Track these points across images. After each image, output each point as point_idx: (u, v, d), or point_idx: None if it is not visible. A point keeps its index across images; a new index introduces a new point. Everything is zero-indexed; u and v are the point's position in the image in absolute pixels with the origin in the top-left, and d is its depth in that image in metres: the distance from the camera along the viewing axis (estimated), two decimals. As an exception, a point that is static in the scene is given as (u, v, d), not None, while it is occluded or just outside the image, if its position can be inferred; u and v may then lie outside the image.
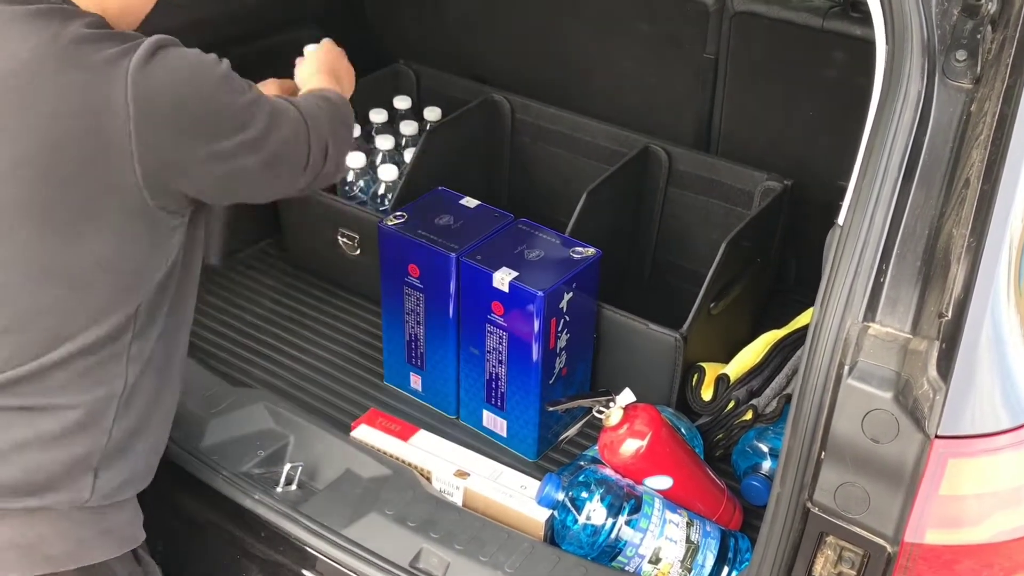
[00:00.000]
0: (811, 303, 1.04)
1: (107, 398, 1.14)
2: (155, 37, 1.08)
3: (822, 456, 0.98)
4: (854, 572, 1.00)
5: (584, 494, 1.32)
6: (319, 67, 1.39)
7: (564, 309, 1.50)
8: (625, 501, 1.31)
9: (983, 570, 0.94)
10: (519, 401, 1.55)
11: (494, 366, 1.54)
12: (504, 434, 1.59)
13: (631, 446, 1.36)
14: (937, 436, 0.89)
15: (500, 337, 1.51)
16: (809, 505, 1.01)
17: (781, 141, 1.86)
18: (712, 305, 1.60)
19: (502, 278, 1.47)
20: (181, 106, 1.07)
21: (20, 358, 1.09)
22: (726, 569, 1.33)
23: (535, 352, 1.48)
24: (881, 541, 0.96)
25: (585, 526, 1.30)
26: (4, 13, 1.07)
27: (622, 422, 1.37)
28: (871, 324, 0.97)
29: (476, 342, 1.55)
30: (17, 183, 1.05)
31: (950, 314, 0.91)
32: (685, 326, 1.54)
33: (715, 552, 1.33)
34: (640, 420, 1.37)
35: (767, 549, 1.06)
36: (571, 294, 1.50)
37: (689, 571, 1.32)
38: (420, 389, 1.68)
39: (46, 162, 1.05)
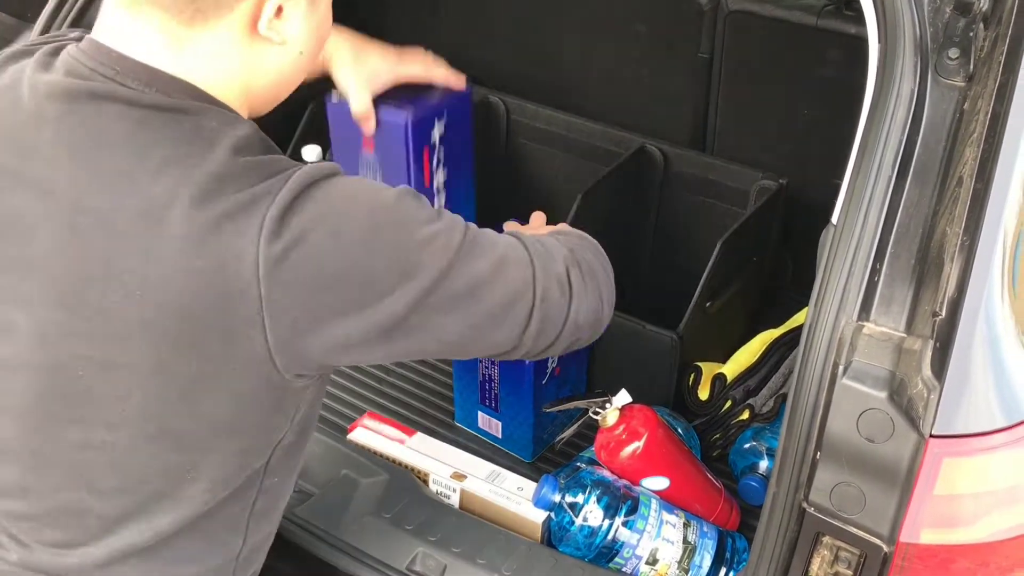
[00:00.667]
0: (808, 302, 1.04)
1: (226, 562, 1.04)
2: (306, 170, 0.87)
3: (817, 456, 0.98)
4: (850, 572, 1.00)
5: (581, 495, 1.31)
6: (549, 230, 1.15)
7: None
8: (622, 502, 1.31)
9: (979, 569, 0.93)
10: (512, 402, 1.55)
11: (487, 367, 1.54)
12: (499, 435, 1.59)
13: (628, 447, 1.35)
14: (932, 435, 0.89)
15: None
16: (805, 505, 1.01)
17: (776, 140, 1.86)
18: (708, 304, 1.60)
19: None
20: (322, 258, 0.86)
21: (136, 518, 0.97)
22: (723, 570, 1.33)
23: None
24: (877, 541, 0.96)
25: (582, 527, 1.30)
26: (137, 140, 0.86)
27: (618, 423, 1.37)
28: (865, 323, 0.97)
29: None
30: (141, 347, 0.89)
31: (944, 313, 0.90)
32: (681, 326, 1.54)
33: (712, 552, 1.33)
34: (636, 421, 1.37)
35: (763, 549, 1.06)
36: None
37: (686, 572, 1.31)
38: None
39: (172, 328, 0.87)
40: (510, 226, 1.23)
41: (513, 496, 1.38)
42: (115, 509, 0.97)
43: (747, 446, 1.51)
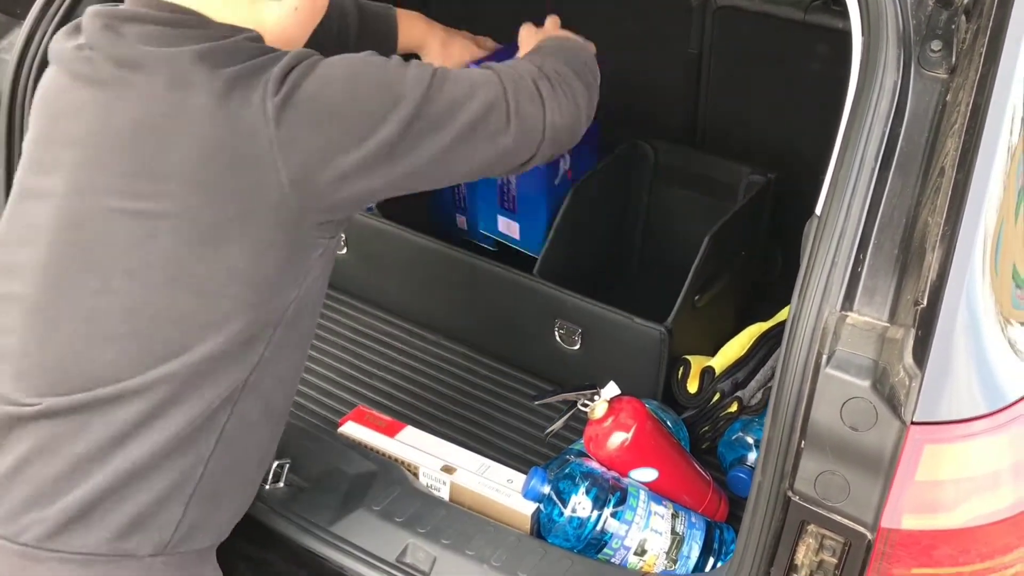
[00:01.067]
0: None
1: (210, 419, 1.08)
2: (305, 51, 1.07)
3: (802, 445, 0.99)
4: (835, 560, 1.01)
5: (570, 487, 1.32)
6: (543, 33, 1.37)
7: None
8: (611, 493, 1.32)
9: (960, 555, 0.94)
10: (529, 202, 1.70)
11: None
12: (517, 237, 1.75)
13: (616, 439, 1.36)
14: (913, 422, 0.90)
15: None
16: (790, 494, 1.01)
17: (765, 135, 1.87)
18: (696, 298, 1.60)
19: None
20: (323, 98, 1.03)
21: (136, 367, 1.06)
22: (712, 560, 1.34)
23: None
24: (861, 528, 0.97)
25: (571, 519, 1.31)
26: (168, 35, 1.05)
27: (607, 415, 1.38)
28: (849, 313, 0.97)
29: None
30: (171, 192, 1.03)
31: (925, 302, 0.91)
32: (669, 319, 1.55)
33: (700, 543, 1.34)
34: (625, 413, 1.37)
35: (749, 538, 1.07)
36: None
37: (675, 562, 1.32)
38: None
39: (198, 172, 1.03)
40: (526, 28, 1.45)
41: (502, 488, 1.38)
42: (124, 356, 1.06)
43: (735, 438, 1.52)
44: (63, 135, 1.11)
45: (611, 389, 1.40)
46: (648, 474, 1.38)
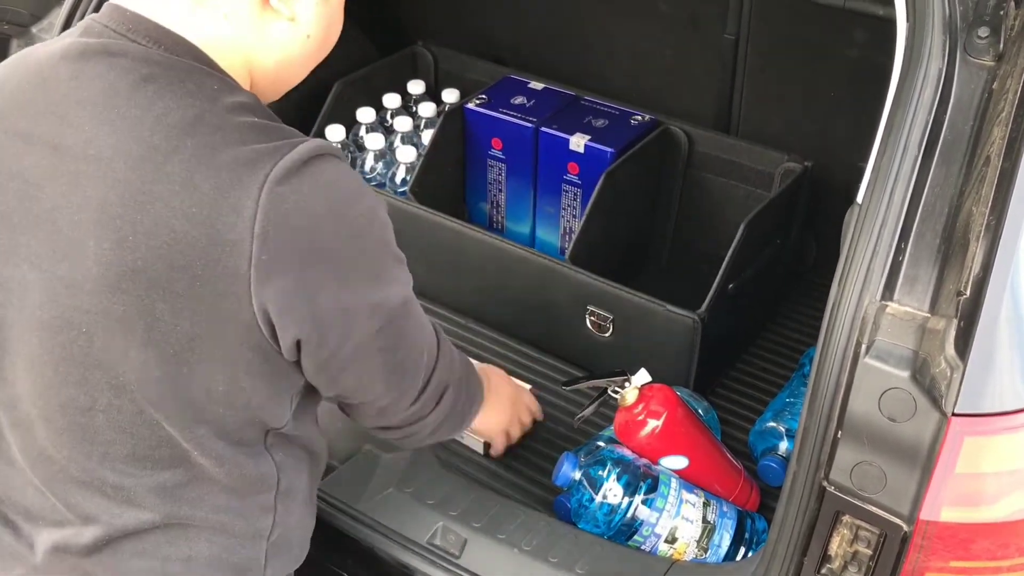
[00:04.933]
0: (830, 284, 1.03)
1: (256, 538, 1.04)
2: (312, 143, 0.90)
3: (839, 435, 0.98)
4: (869, 551, 1.00)
5: (601, 473, 1.32)
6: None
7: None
8: (642, 480, 1.32)
9: (999, 549, 0.93)
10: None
11: (568, 221, 1.81)
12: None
13: (647, 426, 1.36)
14: (954, 414, 0.89)
15: (575, 195, 1.79)
16: (825, 484, 1.01)
17: (802, 122, 1.85)
18: (730, 287, 1.59)
19: (578, 141, 1.74)
20: (316, 232, 0.88)
21: (155, 492, 0.97)
22: (743, 549, 1.33)
23: None
24: (897, 520, 0.96)
25: (602, 505, 1.31)
26: (142, 93, 0.88)
27: (638, 402, 1.37)
28: (889, 303, 0.96)
29: (551, 202, 1.82)
30: (134, 298, 0.88)
31: (968, 292, 0.90)
32: (703, 307, 1.54)
33: (732, 532, 1.33)
34: (656, 400, 1.37)
35: (783, 528, 1.06)
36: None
37: (705, 551, 1.32)
38: None
39: (162, 277, 0.87)
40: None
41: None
42: (130, 479, 0.97)
43: (767, 427, 1.51)
44: (23, 211, 0.92)
45: (642, 376, 1.39)
46: (679, 462, 1.37)
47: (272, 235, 0.86)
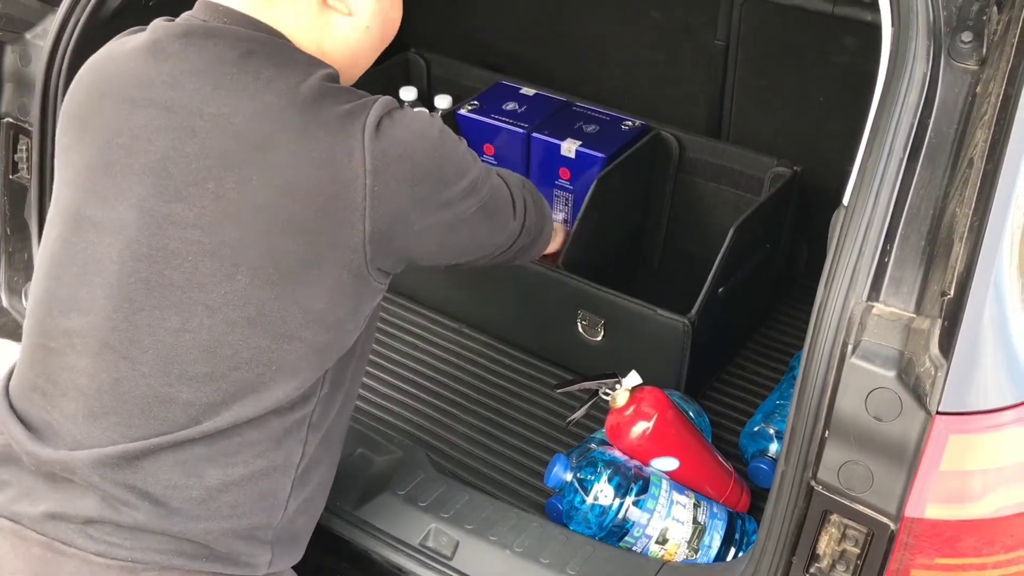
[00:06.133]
0: (819, 287, 1.04)
1: (286, 467, 1.09)
2: (385, 98, 1.07)
3: (826, 435, 0.99)
4: (857, 550, 1.01)
5: (592, 475, 1.33)
6: None
7: None
8: (633, 482, 1.32)
9: (984, 547, 0.94)
10: None
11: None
12: None
13: (638, 427, 1.37)
14: (939, 413, 0.90)
15: (566, 200, 1.81)
16: (813, 484, 1.02)
17: (791, 127, 1.86)
18: (720, 290, 1.60)
19: (569, 147, 1.75)
20: (413, 159, 1.05)
21: (218, 408, 1.04)
22: (733, 550, 1.34)
23: None
24: (884, 519, 0.97)
25: (593, 506, 1.32)
26: (248, 63, 1.04)
27: (628, 404, 1.38)
28: (875, 304, 0.97)
29: None
30: (254, 229, 1.02)
31: (953, 292, 0.91)
32: (693, 311, 1.55)
33: (722, 533, 1.34)
34: (646, 402, 1.38)
35: (771, 527, 1.07)
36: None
37: (696, 552, 1.33)
38: None
39: (284, 211, 1.01)
40: None
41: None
42: (202, 396, 1.03)
43: (757, 429, 1.52)
44: (129, 161, 1.05)
45: (632, 378, 1.40)
46: (669, 463, 1.38)
47: (380, 168, 1.02)
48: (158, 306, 1.03)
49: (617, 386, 1.39)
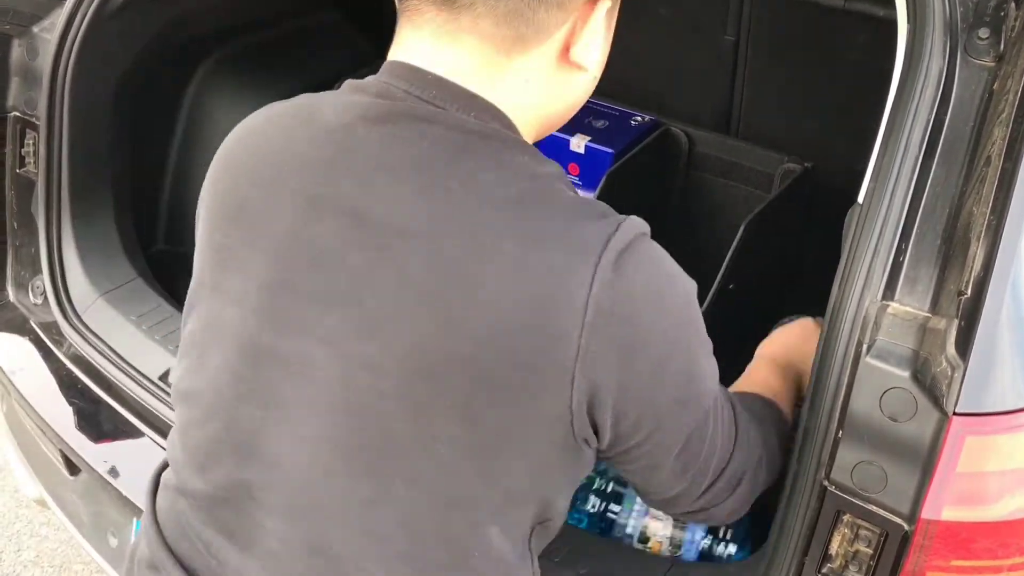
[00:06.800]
0: (830, 285, 1.04)
1: None
2: (634, 221, 0.84)
3: (840, 435, 0.99)
4: (870, 551, 1.00)
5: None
6: (785, 348, 1.19)
7: None
8: (608, 481, 1.32)
9: (1000, 549, 0.93)
10: None
11: None
12: None
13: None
14: (955, 414, 0.89)
15: None
16: (826, 484, 1.01)
17: (802, 123, 1.85)
18: (730, 287, 1.60)
19: (578, 142, 1.73)
20: (639, 321, 0.81)
21: None
22: (718, 544, 1.33)
23: None
24: (898, 520, 0.97)
25: (573, 509, 1.31)
26: (463, 163, 0.81)
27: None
28: (890, 303, 0.97)
29: None
30: (454, 385, 0.80)
31: (969, 292, 0.90)
32: (703, 307, 1.53)
33: (704, 528, 1.33)
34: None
35: (784, 528, 1.06)
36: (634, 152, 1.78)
37: (679, 548, 1.32)
38: None
39: (488, 363, 0.79)
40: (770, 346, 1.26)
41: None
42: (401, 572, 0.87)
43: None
44: (312, 284, 0.84)
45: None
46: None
47: (601, 325, 0.79)
48: (349, 472, 0.85)
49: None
